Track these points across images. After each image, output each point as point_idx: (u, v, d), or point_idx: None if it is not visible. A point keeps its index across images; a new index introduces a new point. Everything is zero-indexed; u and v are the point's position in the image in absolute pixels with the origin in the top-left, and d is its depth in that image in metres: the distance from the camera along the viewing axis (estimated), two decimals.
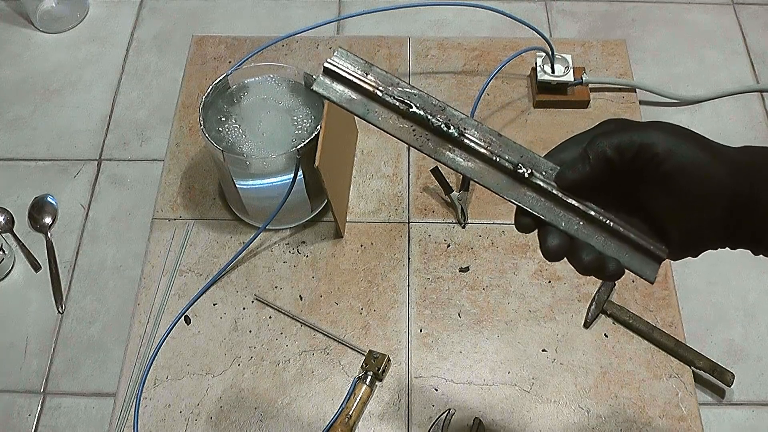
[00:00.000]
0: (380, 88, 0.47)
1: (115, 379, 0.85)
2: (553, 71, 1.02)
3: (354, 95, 0.48)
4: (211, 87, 0.87)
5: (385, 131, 0.48)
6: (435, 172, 0.94)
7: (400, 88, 0.48)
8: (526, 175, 0.47)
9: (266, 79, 0.90)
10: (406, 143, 0.48)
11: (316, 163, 0.78)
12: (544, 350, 0.85)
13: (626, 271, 0.47)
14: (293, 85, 0.90)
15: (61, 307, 0.91)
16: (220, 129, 0.86)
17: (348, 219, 0.95)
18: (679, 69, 1.11)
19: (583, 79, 1.02)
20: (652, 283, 0.48)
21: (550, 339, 0.86)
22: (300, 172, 0.85)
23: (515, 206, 0.47)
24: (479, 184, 0.47)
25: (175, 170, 1.00)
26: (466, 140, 0.47)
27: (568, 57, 1.02)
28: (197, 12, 1.19)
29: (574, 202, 0.46)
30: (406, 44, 1.11)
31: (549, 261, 0.47)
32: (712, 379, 0.84)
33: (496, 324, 0.87)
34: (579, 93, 1.03)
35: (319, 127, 0.82)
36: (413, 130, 0.47)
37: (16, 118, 1.07)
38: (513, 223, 0.49)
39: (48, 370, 0.87)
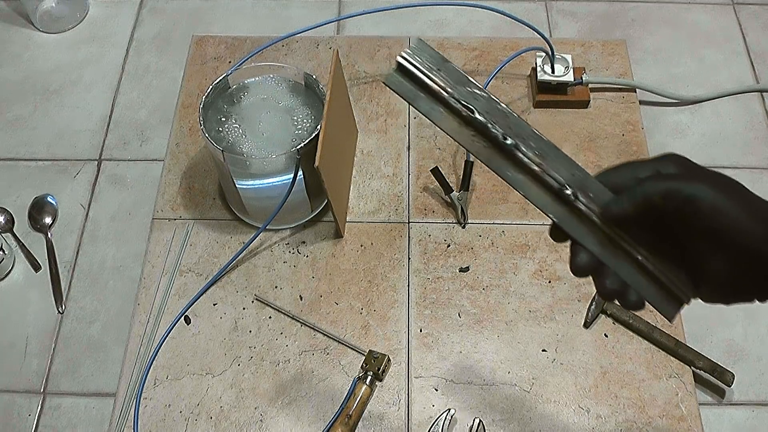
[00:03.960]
0: (448, 89, 0.48)
1: (115, 379, 0.85)
2: (553, 71, 1.02)
3: (421, 93, 0.48)
4: (211, 87, 0.87)
5: (445, 132, 0.49)
6: (435, 172, 0.94)
7: (468, 89, 0.48)
8: (571, 197, 0.47)
9: (266, 79, 0.90)
10: (464, 147, 0.49)
11: (316, 163, 0.78)
12: (544, 350, 0.85)
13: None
14: (293, 85, 0.90)
15: (61, 307, 0.91)
16: (220, 129, 0.86)
17: (348, 219, 0.95)
18: (679, 69, 1.11)
19: (583, 79, 1.02)
20: (670, 322, 0.50)
21: (550, 339, 0.86)
22: (300, 172, 0.85)
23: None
24: (523, 195, 0.48)
25: (175, 170, 1.00)
26: (519, 154, 0.48)
27: (568, 57, 1.02)
28: (197, 12, 1.19)
29: (610, 232, 0.47)
30: (406, 44, 1.11)
31: (574, 275, 0.49)
32: (712, 379, 0.84)
33: (496, 324, 0.87)
34: (579, 93, 1.03)
35: (319, 127, 0.82)
36: (472, 136, 0.48)
37: (16, 118, 1.07)
38: (548, 232, 0.50)
39: (48, 370, 0.87)
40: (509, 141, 0.48)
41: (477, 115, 0.48)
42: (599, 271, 0.48)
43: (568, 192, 0.47)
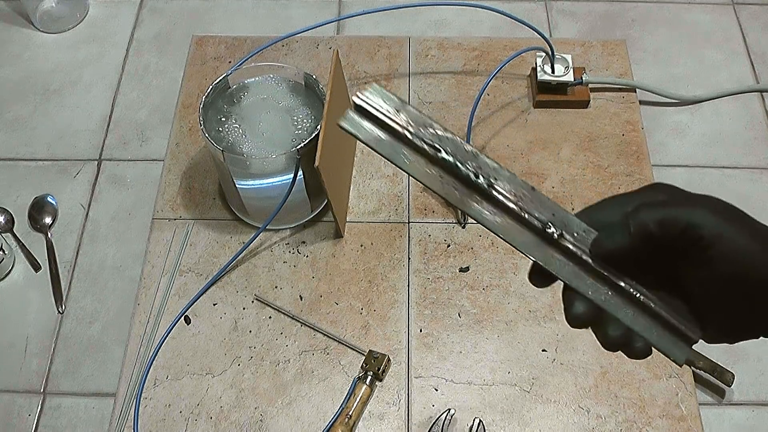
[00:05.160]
0: (410, 129, 0.44)
1: (115, 379, 0.85)
2: (553, 71, 1.02)
3: (382, 135, 0.44)
4: (211, 87, 0.87)
5: (411, 176, 0.45)
6: None
7: (432, 130, 0.44)
8: (555, 235, 0.43)
9: (266, 79, 0.90)
10: (433, 190, 0.45)
11: (316, 163, 0.78)
12: (544, 350, 0.85)
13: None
14: (293, 85, 0.90)
15: (61, 307, 0.91)
16: (220, 129, 0.86)
17: (348, 219, 0.95)
18: (679, 69, 1.11)
19: (583, 79, 1.02)
20: (680, 366, 0.45)
21: (550, 339, 0.86)
22: (300, 172, 0.85)
23: (533, 262, 0.45)
24: (504, 240, 0.45)
25: (175, 170, 1.00)
26: (494, 193, 0.44)
27: (568, 57, 1.02)
28: (197, 12, 1.19)
29: (603, 271, 0.43)
30: (406, 44, 1.11)
31: (572, 327, 0.45)
32: (712, 379, 0.84)
33: (496, 324, 0.87)
34: (579, 93, 1.03)
35: (319, 127, 0.82)
36: (441, 177, 0.44)
37: (16, 118, 1.07)
38: (527, 276, 0.46)
39: (48, 370, 0.87)
40: (482, 180, 0.44)
41: (444, 155, 0.44)
42: (598, 320, 0.44)
43: (552, 231, 0.43)
